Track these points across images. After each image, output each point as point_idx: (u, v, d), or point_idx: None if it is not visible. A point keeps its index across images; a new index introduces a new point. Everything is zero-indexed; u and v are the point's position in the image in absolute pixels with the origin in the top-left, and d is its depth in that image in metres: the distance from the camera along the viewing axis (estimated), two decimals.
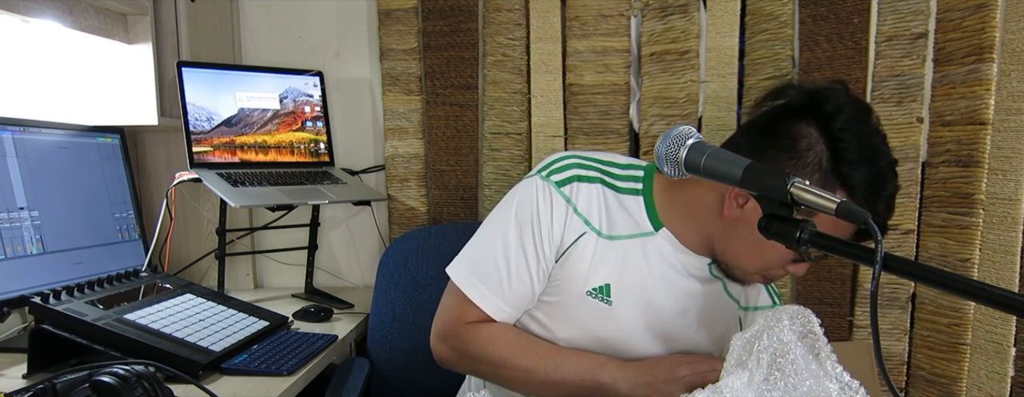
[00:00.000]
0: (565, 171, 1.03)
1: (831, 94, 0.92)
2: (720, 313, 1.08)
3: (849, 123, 0.90)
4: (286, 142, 1.60)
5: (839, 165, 0.90)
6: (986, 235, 1.32)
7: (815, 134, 0.91)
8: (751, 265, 0.99)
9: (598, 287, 1.01)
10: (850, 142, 0.89)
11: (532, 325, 1.06)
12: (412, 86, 1.68)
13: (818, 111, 0.92)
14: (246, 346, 1.16)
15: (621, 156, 1.11)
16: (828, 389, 0.80)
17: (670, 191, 1.03)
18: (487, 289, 1.01)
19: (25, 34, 1.39)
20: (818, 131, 0.91)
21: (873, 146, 0.91)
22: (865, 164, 0.89)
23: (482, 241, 1.05)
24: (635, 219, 1.03)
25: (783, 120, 0.94)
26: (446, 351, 1.05)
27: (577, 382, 0.99)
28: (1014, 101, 1.27)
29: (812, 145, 0.91)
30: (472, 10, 1.63)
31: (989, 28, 1.28)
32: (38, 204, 1.29)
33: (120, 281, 1.22)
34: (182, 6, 1.56)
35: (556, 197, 1.01)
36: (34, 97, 1.44)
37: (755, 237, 0.76)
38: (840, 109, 0.91)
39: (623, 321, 1.02)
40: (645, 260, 1.02)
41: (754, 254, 0.97)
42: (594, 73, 1.58)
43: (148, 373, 0.78)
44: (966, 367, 1.35)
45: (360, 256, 1.80)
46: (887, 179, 0.91)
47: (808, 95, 0.94)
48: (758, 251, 0.95)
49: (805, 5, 1.47)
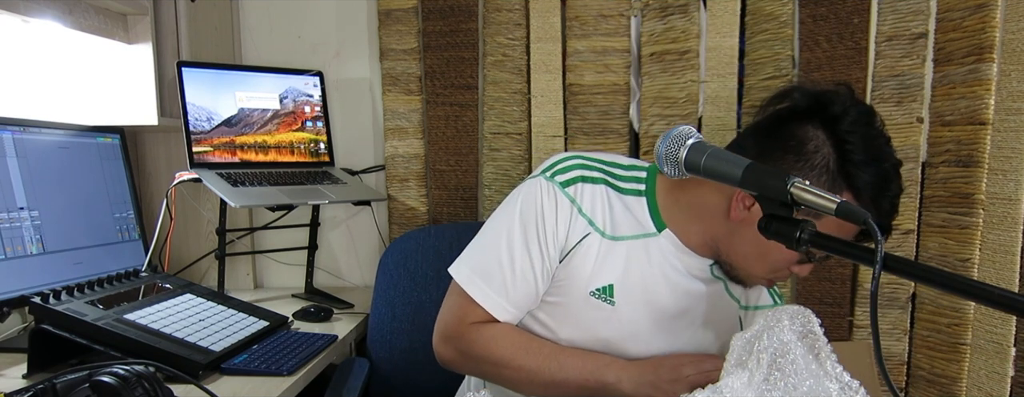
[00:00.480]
0: (569, 172, 1.03)
1: (836, 96, 0.93)
2: (722, 313, 1.08)
3: (855, 125, 0.91)
4: (286, 142, 1.60)
5: (846, 166, 0.90)
6: (986, 235, 1.32)
7: (822, 136, 0.92)
8: (756, 267, 0.99)
9: (601, 288, 1.01)
10: (856, 144, 0.90)
11: (534, 326, 1.06)
12: (412, 86, 1.68)
13: (824, 113, 0.92)
14: (246, 346, 1.16)
15: (624, 157, 1.11)
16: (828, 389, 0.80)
17: (673, 192, 1.03)
18: (491, 289, 1.01)
19: (25, 34, 1.39)
20: (825, 133, 0.92)
21: (878, 148, 0.92)
22: (871, 166, 0.90)
23: (485, 241, 1.05)
24: (638, 220, 1.03)
25: (789, 123, 0.95)
26: (449, 352, 1.05)
27: (581, 382, 0.99)
28: (1014, 101, 1.27)
29: (819, 147, 0.92)
30: (472, 10, 1.63)
31: (989, 28, 1.28)
32: (38, 204, 1.29)
33: (120, 281, 1.22)
34: (182, 6, 1.56)
35: (560, 197, 1.01)
36: (34, 97, 1.44)
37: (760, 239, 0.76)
38: (846, 111, 0.91)
39: (626, 322, 1.02)
40: (648, 261, 1.02)
41: (759, 256, 0.97)
42: (594, 73, 1.58)
43: (148, 373, 0.78)
44: (966, 367, 1.35)
45: (360, 256, 1.80)
46: (892, 181, 0.92)
47: (814, 98, 0.94)
48: (763, 253, 0.96)
49: (805, 5, 1.47)
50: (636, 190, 1.04)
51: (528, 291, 1.02)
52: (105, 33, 1.43)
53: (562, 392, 1.00)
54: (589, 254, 1.01)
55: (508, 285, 1.01)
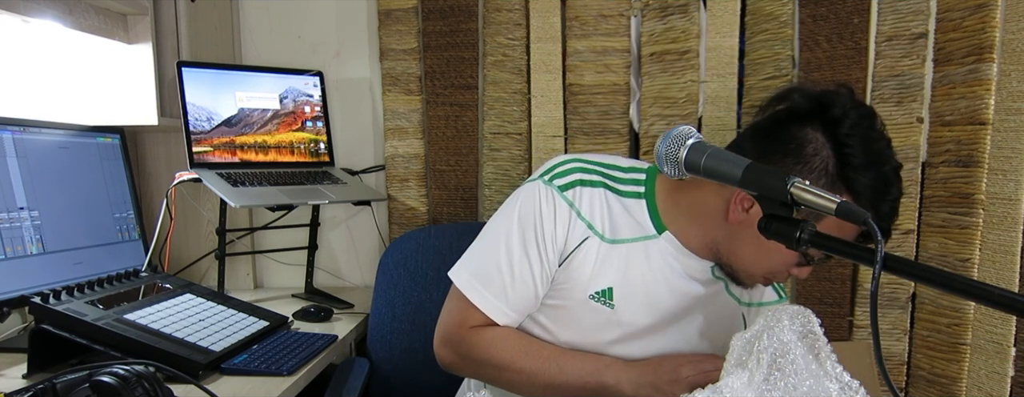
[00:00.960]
0: (568, 175, 1.03)
1: (837, 98, 0.92)
2: (722, 313, 1.08)
3: (855, 128, 0.90)
4: (286, 142, 1.60)
5: (845, 170, 0.90)
6: (986, 235, 1.32)
7: (821, 139, 0.91)
8: (756, 268, 0.99)
9: (600, 291, 1.02)
10: (856, 147, 0.90)
11: (534, 328, 1.07)
12: (412, 86, 1.68)
13: (824, 116, 0.92)
14: (246, 346, 1.16)
15: (623, 159, 1.11)
16: (828, 389, 0.80)
17: (673, 194, 1.03)
18: (490, 293, 1.01)
19: (25, 34, 1.39)
20: (824, 136, 0.91)
21: (878, 151, 0.91)
22: (871, 169, 0.89)
23: (485, 245, 1.05)
24: (638, 222, 1.03)
25: (789, 125, 0.94)
26: (450, 356, 1.06)
27: (581, 384, 0.99)
28: (1014, 101, 1.27)
29: (818, 150, 0.91)
30: (472, 10, 1.63)
31: (989, 28, 1.27)
32: (38, 204, 1.29)
33: (120, 281, 1.22)
34: (182, 6, 1.56)
35: (559, 201, 1.01)
36: (34, 97, 1.44)
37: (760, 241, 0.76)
38: (846, 114, 0.91)
39: (625, 324, 1.03)
40: (647, 263, 1.02)
41: (759, 257, 0.97)
42: (594, 73, 1.58)
43: (148, 373, 0.78)
44: (966, 367, 1.35)
45: (360, 256, 1.80)
46: (892, 184, 0.91)
47: (814, 99, 0.94)
48: (763, 255, 0.96)
49: (805, 5, 1.47)
50: (635, 192, 1.04)
51: (527, 295, 1.02)
52: (105, 33, 1.43)
53: (562, 394, 1.00)
54: (588, 257, 1.01)
55: (507, 289, 1.01)
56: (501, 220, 1.05)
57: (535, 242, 1.01)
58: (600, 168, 1.06)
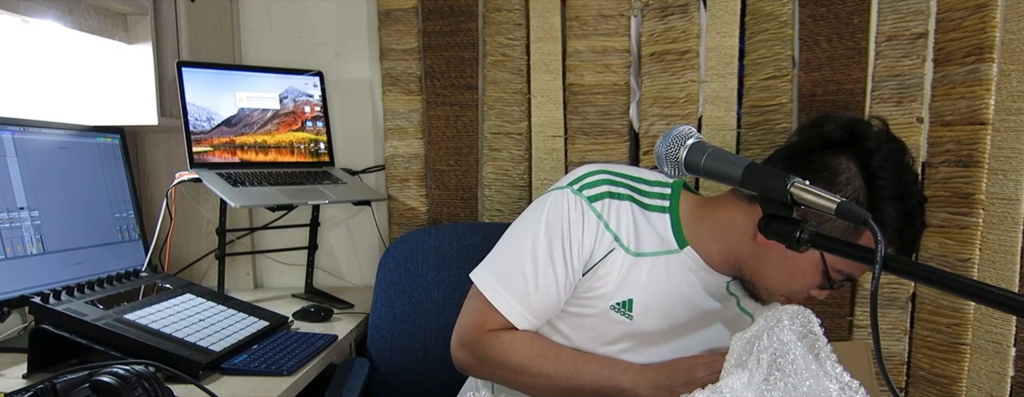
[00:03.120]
0: (597, 187, 1.04)
1: (870, 130, 0.96)
2: (733, 327, 1.09)
3: (886, 161, 0.94)
4: (286, 142, 1.60)
5: (874, 200, 0.93)
6: (986, 235, 1.32)
7: (854, 169, 0.94)
8: (779, 289, 1.01)
9: (622, 302, 1.03)
10: (887, 179, 0.93)
11: (551, 333, 1.08)
12: (412, 86, 1.68)
13: (858, 147, 0.95)
14: (246, 346, 1.16)
15: (649, 171, 1.11)
16: (828, 389, 0.81)
17: (698, 210, 1.05)
18: (512, 298, 1.02)
19: (25, 34, 1.39)
20: (857, 166, 0.94)
21: (907, 184, 0.95)
22: (898, 201, 0.93)
23: (509, 249, 1.06)
24: (661, 236, 1.04)
25: (822, 152, 0.97)
26: (467, 358, 1.06)
27: (598, 388, 1.00)
28: (1014, 101, 1.27)
29: (851, 179, 0.94)
30: (472, 10, 1.63)
31: (989, 28, 1.27)
32: (38, 204, 1.29)
33: (120, 281, 1.22)
34: (182, 6, 1.56)
35: (588, 212, 1.02)
36: (34, 97, 1.44)
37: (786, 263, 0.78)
38: (879, 147, 0.94)
39: (640, 335, 1.04)
40: (668, 277, 1.03)
41: (784, 279, 0.99)
42: (594, 73, 1.58)
43: (148, 373, 0.78)
44: (966, 367, 1.35)
45: (360, 256, 1.80)
46: (916, 216, 0.95)
47: (848, 129, 0.97)
48: (788, 276, 0.98)
49: (805, 5, 1.47)
50: (660, 206, 1.05)
51: (549, 301, 1.03)
52: (105, 33, 1.43)
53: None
54: (614, 269, 1.02)
55: (530, 294, 1.02)
56: (527, 225, 1.05)
57: (561, 250, 1.01)
58: (628, 181, 1.06)
